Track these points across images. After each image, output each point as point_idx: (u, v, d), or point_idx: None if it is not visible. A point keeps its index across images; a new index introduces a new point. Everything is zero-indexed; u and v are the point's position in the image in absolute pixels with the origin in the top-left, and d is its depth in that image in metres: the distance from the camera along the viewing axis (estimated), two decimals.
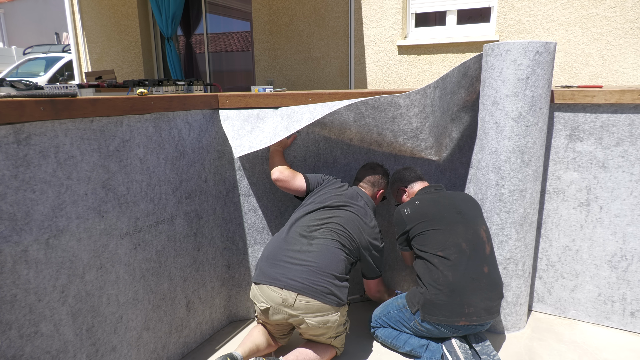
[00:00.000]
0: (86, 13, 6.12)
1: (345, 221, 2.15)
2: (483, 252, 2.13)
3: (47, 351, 1.57)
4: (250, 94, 2.43)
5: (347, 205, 2.20)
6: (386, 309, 2.30)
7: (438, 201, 2.22)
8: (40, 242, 1.52)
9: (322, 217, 2.15)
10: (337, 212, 2.17)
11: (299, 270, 2.00)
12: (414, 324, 2.16)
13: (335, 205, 2.19)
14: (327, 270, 2.01)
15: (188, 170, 2.21)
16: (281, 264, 2.03)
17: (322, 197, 2.22)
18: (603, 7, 3.74)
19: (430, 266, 2.10)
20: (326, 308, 1.98)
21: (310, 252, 2.04)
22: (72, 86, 1.88)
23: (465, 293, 2.04)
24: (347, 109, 2.28)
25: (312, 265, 2.00)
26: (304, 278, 1.97)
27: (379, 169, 2.42)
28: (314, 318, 1.99)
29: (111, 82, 2.59)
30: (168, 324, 2.15)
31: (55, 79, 8.72)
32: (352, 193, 2.27)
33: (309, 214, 2.17)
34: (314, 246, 2.06)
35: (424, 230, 2.15)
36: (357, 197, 2.26)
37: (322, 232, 2.10)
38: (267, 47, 5.23)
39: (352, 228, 2.15)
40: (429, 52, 4.46)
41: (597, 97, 2.28)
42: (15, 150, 1.44)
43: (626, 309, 2.45)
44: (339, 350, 2.20)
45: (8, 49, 12.95)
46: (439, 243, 2.10)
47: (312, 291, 1.96)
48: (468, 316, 2.04)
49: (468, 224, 2.16)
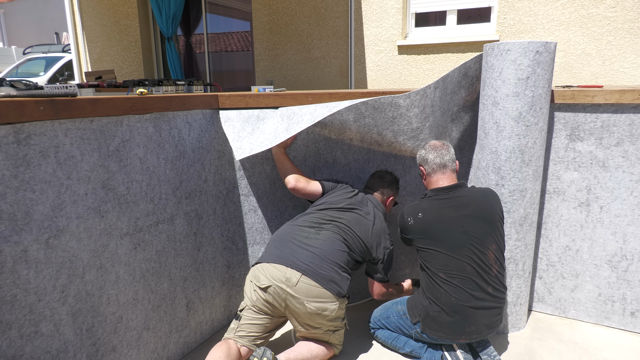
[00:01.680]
0: (86, 13, 6.12)
1: (352, 223, 2.19)
2: (489, 275, 2.01)
3: (47, 351, 1.57)
4: (250, 94, 2.43)
5: (355, 209, 2.25)
6: (386, 313, 2.28)
7: (444, 215, 2.04)
8: (40, 242, 1.52)
9: (332, 215, 2.21)
10: (345, 214, 2.22)
11: (305, 253, 2.05)
12: (414, 333, 2.14)
13: (345, 208, 2.24)
14: (332, 259, 2.06)
15: (188, 170, 2.21)
16: (289, 244, 2.10)
17: (334, 199, 2.27)
18: (603, 7, 3.74)
19: (434, 283, 2.03)
20: (326, 295, 2.00)
21: (317, 240, 2.10)
22: (72, 86, 1.87)
23: (468, 314, 1.98)
24: (347, 110, 2.28)
25: (319, 251, 2.06)
26: (310, 261, 2.03)
27: (388, 177, 2.46)
28: (313, 303, 1.99)
29: (111, 82, 2.59)
30: (168, 324, 2.15)
31: (55, 78, 8.72)
32: (361, 198, 2.31)
33: (320, 212, 2.23)
34: (321, 235, 2.12)
35: (426, 247, 2.06)
36: (366, 202, 2.30)
37: (329, 226, 2.17)
38: (267, 47, 5.23)
39: (359, 229, 2.18)
40: (429, 52, 4.46)
41: (597, 97, 2.28)
42: (15, 150, 1.44)
43: (626, 309, 2.44)
44: (337, 348, 2.20)
45: (8, 49, 12.95)
46: (441, 264, 2.01)
47: (316, 274, 2.00)
48: (468, 334, 2.01)
49: (474, 246, 1.99)
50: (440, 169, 2.15)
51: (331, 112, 2.16)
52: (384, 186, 2.43)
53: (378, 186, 2.43)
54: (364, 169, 2.64)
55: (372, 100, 2.21)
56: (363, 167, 2.63)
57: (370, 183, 2.46)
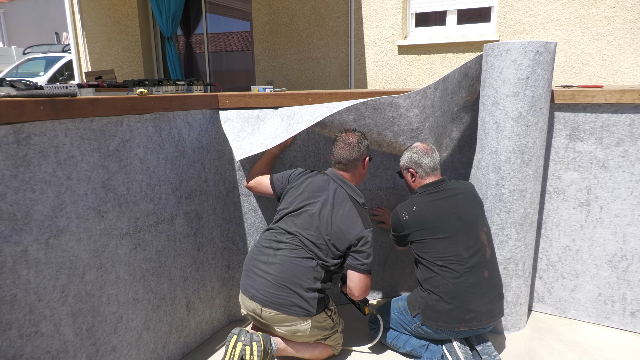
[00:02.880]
0: (86, 13, 6.11)
1: (308, 225, 2.03)
2: (484, 257, 2.10)
3: (47, 351, 1.57)
4: (250, 94, 2.43)
5: (306, 206, 2.07)
6: (387, 311, 2.29)
7: (438, 206, 2.14)
8: (40, 242, 1.52)
9: (287, 226, 2.07)
10: (299, 219, 2.06)
11: (261, 282, 2.00)
12: (415, 327, 2.15)
13: (298, 209, 2.08)
14: (293, 281, 1.97)
15: (188, 170, 2.21)
16: (251, 274, 2.06)
17: (288, 200, 2.13)
18: (603, 7, 3.74)
19: (431, 273, 2.08)
20: (292, 319, 1.99)
21: (274, 264, 2.00)
22: (72, 86, 1.87)
23: (466, 300, 2.02)
24: (347, 110, 2.28)
25: (275, 278, 1.98)
26: (266, 291, 1.98)
27: (352, 140, 2.15)
28: (283, 328, 2.02)
29: (111, 82, 2.59)
30: (168, 324, 2.15)
31: (55, 78, 8.71)
32: (319, 184, 2.11)
33: (279, 222, 2.12)
34: (278, 257, 2.02)
35: (422, 238, 2.11)
36: (325, 186, 2.10)
37: (286, 244, 2.04)
38: (267, 47, 5.23)
39: (318, 228, 2.02)
40: (429, 52, 4.46)
41: (597, 97, 2.28)
42: (15, 150, 1.44)
43: (626, 309, 2.44)
44: (335, 349, 2.21)
45: (8, 49, 12.94)
46: (438, 252, 2.07)
47: (274, 304, 1.96)
48: (468, 322, 2.03)
49: (469, 230, 2.10)
50: (432, 172, 2.27)
51: (331, 112, 2.16)
52: (350, 155, 2.13)
53: (343, 158, 2.14)
54: None
55: (372, 100, 2.21)
56: None
57: (337, 156, 2.16)
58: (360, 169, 2.19)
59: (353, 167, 2.16)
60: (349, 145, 2.14)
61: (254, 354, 1.89)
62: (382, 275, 2.84)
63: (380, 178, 2.67)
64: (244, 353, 1.90)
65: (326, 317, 2.10)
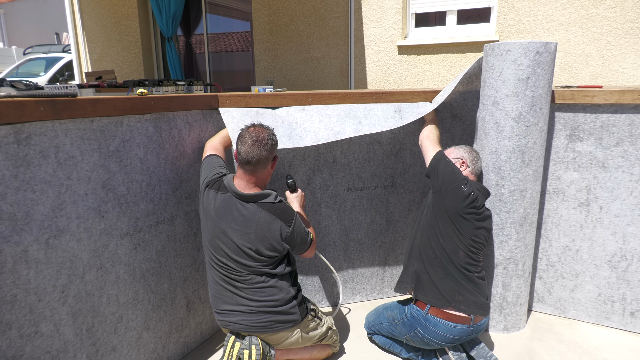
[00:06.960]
0: (86, 13, 6.12)
1: (237, 251, 1.88)
2: (476, 259, 2.08)
3: (47, 351, 1.57)
4: (251, 94, 2.43)
5: (225, 233, 1.87)
6: (378, 319, 2.29)
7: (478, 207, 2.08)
8: (40, 242, 1.52)
9: (226, 260, 1.91)
10: (221, 250, 1.90)
11: (237, 316, 1.94)
12: (406, 340, 2.15)
13: (215, 242, 1.91)
14: (264, 307, 1.92)
15: (188, 170, 2.21)
16: (223, 313, 1.97)
17: (205, 229, 1.95)
18: (603, 7, 3.74)
19: (433, 247, 2.06)
20: (281, 335, 1.99)
21: (240, 298, 1.93)
22: (72, 86, 1.88)
23: (457, 281, 2.02)
24: (347, 127, 2.33)
25: (247, 308, 1.92)
26: (246, 320, 1.93)
27: (262, 140, 1.87)
28: (278, 345, 2.02)
29: (111, 82, 2.59)
30: (168, 324, 2.15)
31: (55, 79, 8.72)
32: (222, 202, 1.89)
33: (214, 251, 1.94)
34: (242, 291, 1.92)
35: (446, 219, 2.04)
36: (229, 206, 1.89)
37: (236, 276, 1.92)
38: (267, 47, 5.23)
39: (243, 248, 1.87)
40: (429, 52, 4.46)
41: (597, 97, 2.28)
42: (15, 150, 1.44)
43: (626, 309, 2.45)
44: (333, 347, 2.23)
45: (8, 49, 12.94)
46: (447, 235, 2.04)
47: (257, 328, 1.94)
48: (457, 303, 2.01)
49: (470, 234, 2.06)
50: (477, 176, 2.29)
51: (335, 138, 2.26)
52: (262, 153, 1.86)
53: (254, 155, 1.86)
54: (364, 168, 2.64)
55: (374, 132, 2.36)
56: (363, 166, 2.63)
57: (245, 154, 1.87)
58: (268, 169, 1.94)
59: (262, 168, 1.90)
60: (260, 143, 1.85)
61: (252, 357, 1.90)
62: (382, 275, 2.84)
63: (380, 177, 2.68)
64: (242, 356, 1.90)
65: (311, 318, 2.09)
